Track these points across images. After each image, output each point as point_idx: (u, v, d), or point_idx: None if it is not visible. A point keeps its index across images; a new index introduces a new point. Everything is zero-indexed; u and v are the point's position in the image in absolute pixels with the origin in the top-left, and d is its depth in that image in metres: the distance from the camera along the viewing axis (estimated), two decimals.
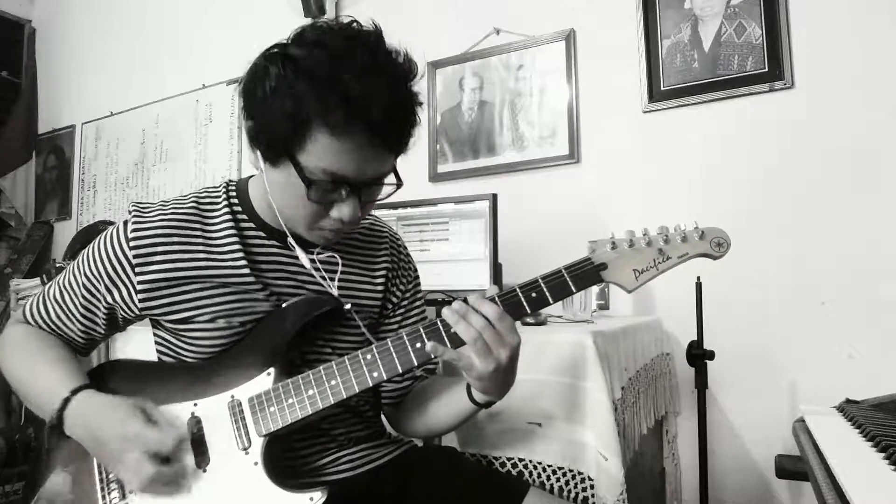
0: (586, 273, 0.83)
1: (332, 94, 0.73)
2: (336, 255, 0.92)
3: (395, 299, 1.00)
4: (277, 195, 0.83)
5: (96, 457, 0.82)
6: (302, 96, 0.74)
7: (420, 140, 2.46)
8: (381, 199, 0.87)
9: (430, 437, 1.17)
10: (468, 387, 0.87)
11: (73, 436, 0.81)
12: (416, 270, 1.06)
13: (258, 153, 0.82)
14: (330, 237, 0.87)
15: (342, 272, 0.92)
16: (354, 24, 0.80)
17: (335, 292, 0.90)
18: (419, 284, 1.06)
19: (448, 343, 0.80)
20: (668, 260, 0.83)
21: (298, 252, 0.87)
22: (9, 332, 0.93)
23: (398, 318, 1.00)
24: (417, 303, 1.04)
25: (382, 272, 0.98)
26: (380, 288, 0.98)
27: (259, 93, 0.77)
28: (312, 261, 0.89)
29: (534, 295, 0.81)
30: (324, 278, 0.90)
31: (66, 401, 0.81)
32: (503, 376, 0.81)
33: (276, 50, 0.79)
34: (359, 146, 0.76)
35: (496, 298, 0.81)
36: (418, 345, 0.82)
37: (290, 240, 0.87)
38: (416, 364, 0.82)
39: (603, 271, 0.83)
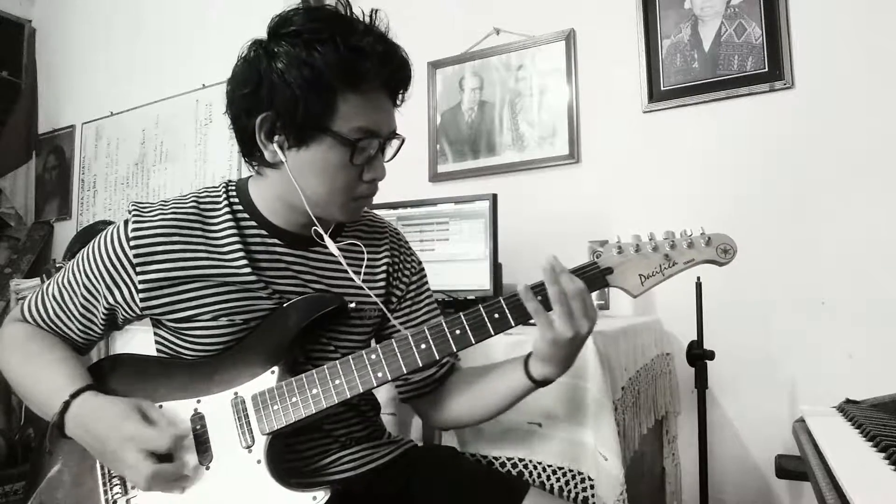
0: (592, 277, 0.83)
1: (353, 57, 0.77)
2: (360, 244, 0.93)
3: (398, 293, 1.00)
4: (311, 179, 0.83)
5: (98, 457, 0.82)
6: (322, 65, 0.77)
7: (420, 140, 2.47)
8: (390, 158, 0.89)
9: (467, 426, 1.15)
10: (525, 364, 0.87)
11: (74, 437, 0.81)
12: (419, 263, 1.05)
13: (276, 145, 0.82)
14: (362, 206, 0.89)
15: (344, 270, 0.92)
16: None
17: (360, 280, 0.90)
18: (424, 276, 1.05)
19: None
20: (674, 266, 0.83)
21: (327, 240, 0.87)
22: (7, 331, 0.92)
23: (405, 311, 1.00)
24: (425, 293, 1.03)
25: (383, 268, 0.98)
26: (381, 283, 0.98)
27: (270, 80, 0.79)
28: (340, 250, 0.88)
29: (539, 298, 0.81)
30: (349, 268, 0.89)
31: (67, 404, 0.81)
32: (573, 349, 0.82)
33: (266, 39, 0.82)
34: (380, 100, 0.82)
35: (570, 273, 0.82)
36: (423, 346, 0.82)
37: (318, 227, 0.86)
38: (420, 365, 0.82)
39: (609, 275, 0.83)
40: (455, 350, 0.82)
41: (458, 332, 0.81)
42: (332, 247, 0.87)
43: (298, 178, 0.83)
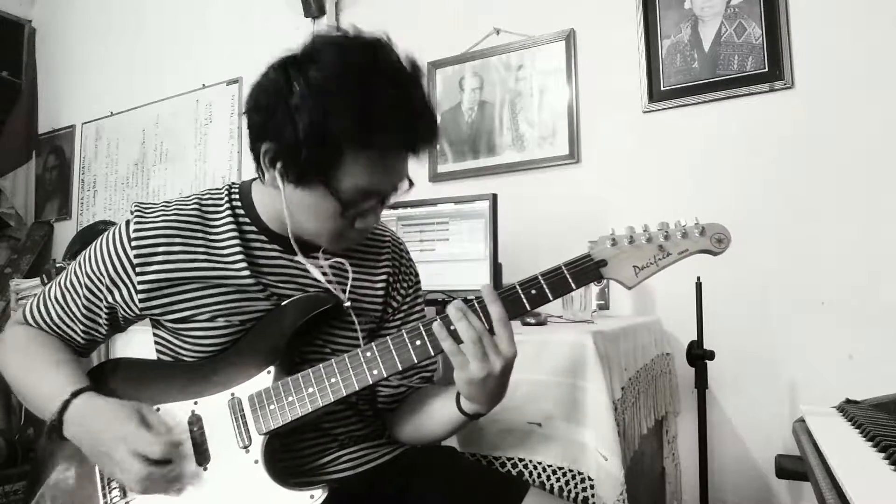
0: (586, 269, 0.82)
1: (371, 125, 0.74)
2: (346, 263, 0.92)
3: (395, 304, 1.00)
4: (302, 215, 0.83)
5: (91, 457, 0.82)
6: (332, 128, 0.74)
7: None
8: (394, 200, 0.88)
9: (423, 445, 1.16)
10: (458, 396, 0.86)
11: (71, 438, 0.81)
12: (417, 275, 1.05)
13: (276, 172, 0.80)
14: (351, 245, 0.89)
15: (342, 276, 0.92)
16: (365, 35, 0.80)
17: (345, 299, 0.90)
18: (420, 288, 1.05)
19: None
20: (669, 256, 0.82)
21: (309, 267, 0.87)
22: (9, 334, 0.92)
23: (398, 322, 1.00)
24: (417, 307, 1.04)
25: (383, 276, 0.98)
26: (380, 293, 0.97)
27: (281, 118, 0.76)
28: (325, 274, 0.89)
29: (533, 292, 0.81)
30: (335, 288, 0.89)
31: (66, 403, 0.81)
32: (492, 387, 0.80)
33: (290, 66, 0.78)
34: (393, 161, 0.80)
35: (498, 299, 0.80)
36: (418, 342, 0.82)
37: (300, 257, 0.86)
38: (415, 362, 0.82)
39: (603, 268, 0.82)
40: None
41: (453, 327, 0.81)
42: (315, 273, 0.87)
43: (291, 209, 0.83)
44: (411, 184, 0.86)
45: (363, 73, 0.75)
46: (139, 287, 0.84)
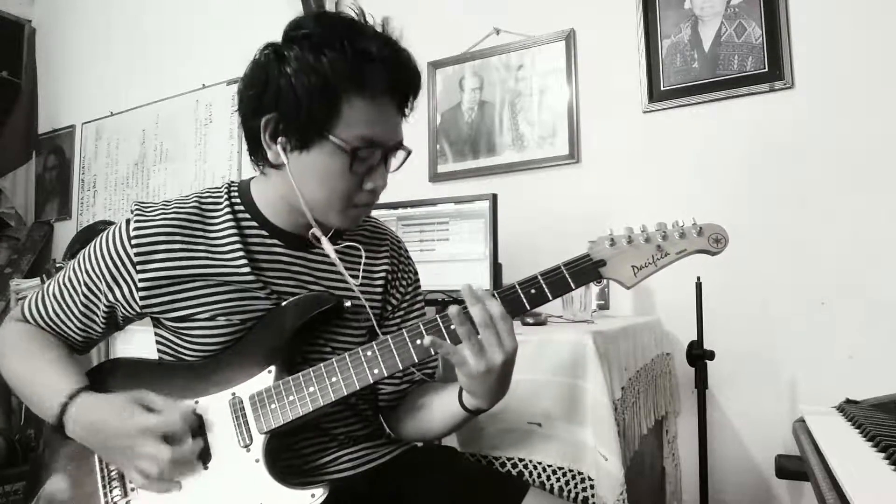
0: (585, 269, 0.83)
1: (361, 62, 0.77)
2: (360, 247, 0.93)
3: (394, 301, 1.00)
4: (309, 181, 0.83)
5: (105, 458, 0.83)
6: (328, 70, 0.77)
7: (420, 140, 2.47)
8: (395, 169, 0.89)
9: (424, 441, 1.16)
10: (460, 391, 0.87)
11: (76, 438, 0.81)
12: (416, 273, 1.06)
13: (279, 146, 0.82)
14: (361, 214, 0.89)
15: (344, 272, 0.92)
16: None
17: (356, 284, 0.89)
18: (419, 287, 1.06)
19: (448, 339, 0.81)
20: (667, 256, 0.83)
21: (324, 242, 0.87)
22: (6, 331, 0.92)
23: (397, 321, 1.00)
24: (417, 305, 1.04)
25: (382, 274, 0.98)
26: (379, 290, 0.98)
27: (277, 83, 0.79)
28: (339, 252, 0.88)
29: (533, 291, 0.82)
30: (346, 270, 0.89)
31: (65, 406, 0.81)
32: (494, 382, 0.80)
33: (277, 45, 0.82)
34: (387, 108, 0.82)
35: (496, 295, 0.81)
36: (419, 341, 0.82)
37: (315, 230, 0.86)
38: (416, 360, 0.82)
39: (601, 267, 0.83)
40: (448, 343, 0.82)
41: (453, 327, 0.81)
42: (328, 249, 0.87)
43: (299, 181, 0.83)
44: (408, 151, 0.88)
45: (348, 28, 0.80)
46: (140, 285, 0.85)
